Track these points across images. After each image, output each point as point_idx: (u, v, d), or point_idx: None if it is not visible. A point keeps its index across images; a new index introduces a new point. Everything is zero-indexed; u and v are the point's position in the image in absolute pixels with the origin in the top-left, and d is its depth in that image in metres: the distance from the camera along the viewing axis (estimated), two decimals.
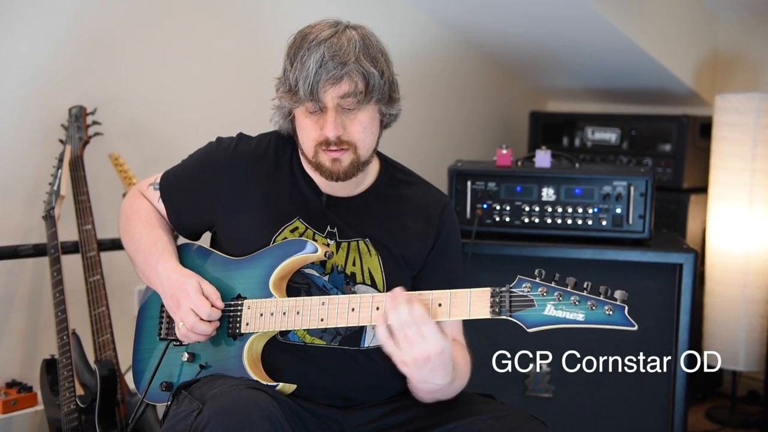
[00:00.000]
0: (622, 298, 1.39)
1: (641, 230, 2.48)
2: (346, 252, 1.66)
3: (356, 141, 1.60)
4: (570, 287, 1.41)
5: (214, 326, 1.60)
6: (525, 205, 2.53)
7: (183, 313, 1.59)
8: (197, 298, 1.58)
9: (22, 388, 2.39)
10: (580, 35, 3.23)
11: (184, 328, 1.59)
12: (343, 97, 1.56)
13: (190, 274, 1.63)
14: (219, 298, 1.61)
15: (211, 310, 1.58)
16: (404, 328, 1.44)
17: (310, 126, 1.60)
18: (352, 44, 1.57)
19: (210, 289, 1.61)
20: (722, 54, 3.51)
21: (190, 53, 2.80)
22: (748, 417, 3.11)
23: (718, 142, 3.04)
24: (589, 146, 3.46)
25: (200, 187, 1.73)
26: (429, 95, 3.46)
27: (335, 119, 1.57)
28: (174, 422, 1.47)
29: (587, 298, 1.40)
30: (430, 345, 1.44)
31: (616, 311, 1.38)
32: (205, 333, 1.59)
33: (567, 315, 1.40)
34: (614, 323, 1.39)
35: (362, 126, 1.60)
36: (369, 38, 1.61)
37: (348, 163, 1.61)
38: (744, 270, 2.97)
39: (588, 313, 1.39)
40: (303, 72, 1.55)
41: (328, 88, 1.55)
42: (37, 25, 2.44)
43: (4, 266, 2.42)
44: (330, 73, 1.54)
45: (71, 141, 2.41)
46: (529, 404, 2.43)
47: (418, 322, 1.44)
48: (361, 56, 1.56)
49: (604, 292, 1.40)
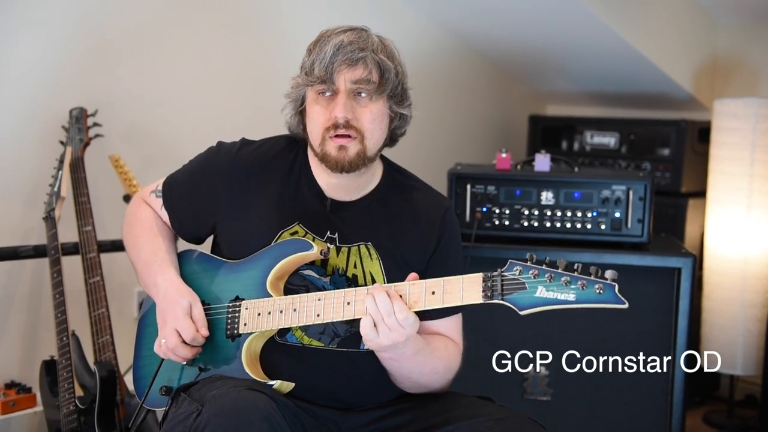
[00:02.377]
0: (612, 277, 1.39)
1: (640, 234, 2.48)
2: (347, 255, 1.67)
3: (364, 130, 1.61)
4: (561, 269, 1.41)
5: (194, 352, 1.61)
6: (524, 209, 2.54)
7: (167, 332, 1.60)
8: (184, 321, 1.59)
9: (22, 389, 2.39)
10: (580, 39, 3.24)
11: (165, 346, 1.60)
12: (356, 82, 1.58)
13: (184, 293, 1.64)
14: (205, 326, 1.61)
15: (195, 334, 1.59)
16: (386, 317, 1.47)
17: (319, 112, 1.62)
18: (372, 40, 1.62)
19: (199, 314, 1.62)
20: (721, 59, 3.52)
21: (190, 55, 2.80)
22: (745, 421, 3.11)
23: (716, 147, 3.04)
24: (588, 150, 3.47)
25: (202, 192, 1.73)
26: (429, 98, 3.47)
27: (346, 102, 1.59)
28: (173, 424, 1.48)
29: (578, 278, 1.40)
30: (407, 330, 1.49)
31: (607, 290, 1.39)
32: (185, 357, 1.60)
33: (558, 296, 1.40)
34: (605, 302, 1.39)
35: (372, 116, 1.61)
36: (388, 44, 1.66)
37: (354, 153, 1.61)
38: (742, 274, 2.97)
39: (579, 293, 1.39)
40: (321, 54, 1.59)
41: (343, 69, 1.57)
42: (39, 27, 2.45)
43: (4, 267, 2.42)
44: (347, 55, 1.57)
45: (72, 142, 2.41)
46: (528, 407, 2.44)
47: (398, 314, 1.48)
48: (379, 50, 1.61)
49: (594, 272, 1.40)
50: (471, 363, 1.80)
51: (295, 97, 1.68)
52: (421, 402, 1.65)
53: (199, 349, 1.61)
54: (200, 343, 1.61)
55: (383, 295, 1.48)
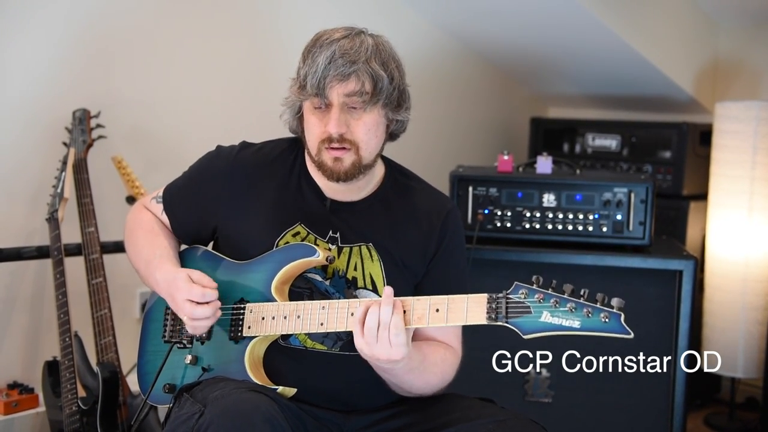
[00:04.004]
0: (618, 305, 1.39)
1: (641, 237, 2.48)
2: (348, 257, 1.67)
3: (359, 142, 1.61)
4: (567, 294, 1.41)
5: (214, 306, 1.58)
6: (526, 211, 2.54)
7: (180, 306, 1.58)
8: (187, 286, 1.57)
9: (24, 390, 2.39)
10: (581, 42, 3.24)
11: (188, 319, 1.58)
12: (349, 95, 1.58)
13: (178, 270, 1.63)
14: (210, 280, 1.59)
15: (203, 290, 1.57)
16: (380, 330, 1.46)
17: (315, 123, 1.62)
18: (365, 47, 1.59)
19: (198, 275, 1.60)
20: (723, 62, 3.52)
21: (193, 57, 2.80)
22: (746, 424, 3.11)
23: (718, 150, 3.04)
24: (590, 153, 3.47)
25: (202, 196, 1.74)
26: (431, 101, 3.47)
27: (339, 116, 1.58)
28: (176, 425, 1.48)
29: (583, 305, 1.40)
30: (394, 350, 1.47)
31: (612, 319, 1.39)
32: (206, 315, 1.57)
33: (563, 322, 1.41)
34: (610, 331, 1.39)
35: (366, 127, 1.61)
36: (383, 45, 1.63)
37: (349, 163, 1.61)
38: (743, 277, 2.98)
39: (584, 321, 1.40)
40: (313, 67, 1.58)
41: (335, 85, 1.57)
42: (42, 29, 2.45)
43: (7, 268, 2.42)
44: (338, 69, 1.56)
45: (75, 144, 2.41)
46: (529, 409, 2.44)
47: (392, 330, 1.46)
48: (372, 58, 1.59)
49: (601, 299, 1.40)
50: (471, 364, 1.80)
51: (291, 104, 1.68)
52: (423, 404, 1.65)
53: (217, 302, 1.58)
54: (214, 297, 1.57)
55: (389, 308, 1.47)
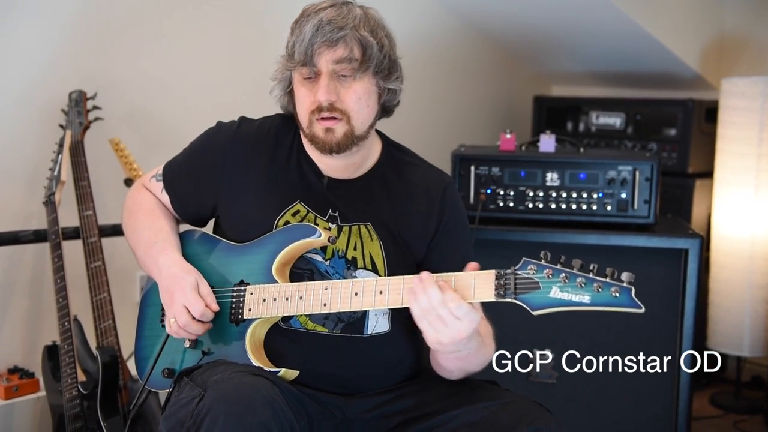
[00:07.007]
0: (629, 280, 1.36)
1: (646, 215, 2.46)
2: (348, 236, 1.65)
3: (350, 111, 1.58)
4: (576, 269, 1.38)
5: (206, 327, 1.58)
6: (529, 190, 2.51)
7: (176, 309, 1.57)
8: (192, 296, 1.56)
9: (24, 374, 2.39)
10: (585, 18, 3.20)
11: (176, 324, 1.58)
12: (337, 62, 1.55)
13: (189, 270, 1.62)
14: (214, 301, 1.59)
15: (204, 309, 1.56)
16: (436, 308, 1.41)
17: (305, 94, 1.60)
18: (352, 15, 1.57)
19: (207, 290, 1.59)
20: (728, 37, 3.48)
21: (190, 37, 2.77)
22: (752, 402, 3.11)
23: (724, 127, 3.01)
24: (594, 131, 3.44)
25: (202, 172, 1.71)
26: (432, 79, 3.44)
27: (328, 84, 1.56)
28: (175, 409, 1.47)
29: (593, 280, 1.37)
30: (464, 324, 1.41)
31: (623, 293, 1.36)
32: (196, 333, 1.58)
33: (573, 297, 1.38)
34: (621, 305, 1.36)
35: (357, 96, 1.58)
36: (372, 15, 1.61)
37: (341, 134, 1.59)
38: (749, 255, 2.96)
39: (594, 295, 1.37)
40: (300, 36, 1.56)
41: (324, 51, 1.54)
42: (37, 10, 2.42)
43: (5, 252, 2.41)
44: (326, 36, 1.53)
45: (71, 126, 2.39)
46: (533, 390, 2.43)
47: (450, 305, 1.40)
48: (361, 26, 1.57)
49: (610, 274, 1.37)
50: None
51: (281, 78, 1.66)
52: (426, 386, 1.64)
53: (209, 324, 1.59)
54: (210, 318, 1.58)
55: (434, 288, 1.41)
